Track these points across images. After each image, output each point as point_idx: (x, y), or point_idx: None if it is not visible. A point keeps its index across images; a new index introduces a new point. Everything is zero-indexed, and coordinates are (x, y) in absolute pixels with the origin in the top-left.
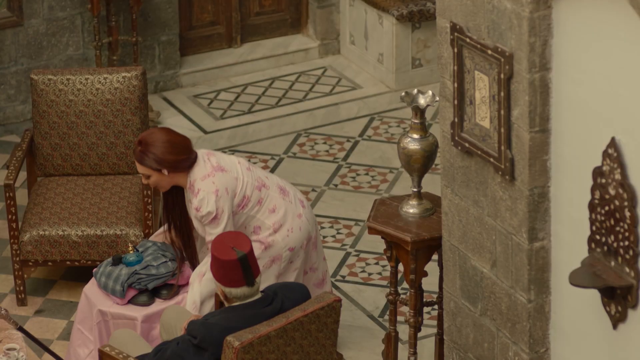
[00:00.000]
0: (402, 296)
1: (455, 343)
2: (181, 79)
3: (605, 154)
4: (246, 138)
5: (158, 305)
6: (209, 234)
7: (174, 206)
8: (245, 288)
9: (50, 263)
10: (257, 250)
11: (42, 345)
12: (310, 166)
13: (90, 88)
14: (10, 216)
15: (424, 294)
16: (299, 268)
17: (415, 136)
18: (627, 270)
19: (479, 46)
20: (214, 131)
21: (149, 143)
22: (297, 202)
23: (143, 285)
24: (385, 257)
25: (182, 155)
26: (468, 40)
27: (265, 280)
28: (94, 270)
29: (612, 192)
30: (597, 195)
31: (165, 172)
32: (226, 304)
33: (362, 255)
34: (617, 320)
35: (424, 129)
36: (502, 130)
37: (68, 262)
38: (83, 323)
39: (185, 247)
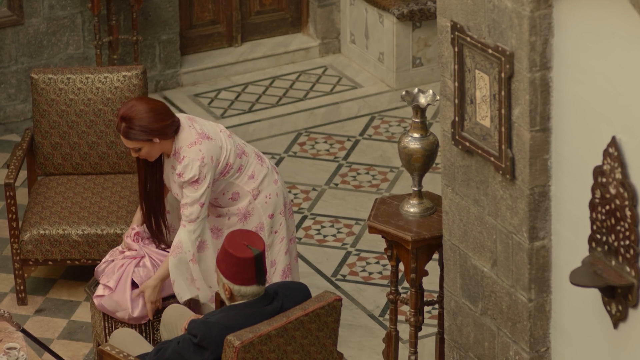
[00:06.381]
0: (402, 295)
1: (455, 342)
2: (181, 78)
3: (605, 153)
4: (247, 137)
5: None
6: (186, 196)
7: (153, 174)
8: (255, 287)
9: (50, 262)
10: (237, 225)
11: (43, 346)
12: (310, 165)
13: (90, 87)
14: (10, 215)
15: (425, 293)
16: (286, 237)
17: (416, 135)
18: (628, 269)
19: (479, 45)
20: None
21: (132, 117)
22: (272, 168)
23: None
24: (385, 256)
25: (167, 121)
26: (469, 39)
27: None
28: (96, 268)
29: (612, 191)
30: (598, 194)
31: (157, 139)
32: (227, 303)
33: (363, 254)
34: (617, 319)
35: (424, 128)
36: (503, 129)
37: (68, 262)
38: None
39: (156, 218)
